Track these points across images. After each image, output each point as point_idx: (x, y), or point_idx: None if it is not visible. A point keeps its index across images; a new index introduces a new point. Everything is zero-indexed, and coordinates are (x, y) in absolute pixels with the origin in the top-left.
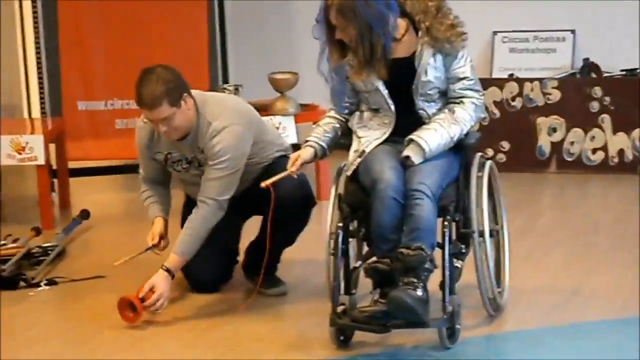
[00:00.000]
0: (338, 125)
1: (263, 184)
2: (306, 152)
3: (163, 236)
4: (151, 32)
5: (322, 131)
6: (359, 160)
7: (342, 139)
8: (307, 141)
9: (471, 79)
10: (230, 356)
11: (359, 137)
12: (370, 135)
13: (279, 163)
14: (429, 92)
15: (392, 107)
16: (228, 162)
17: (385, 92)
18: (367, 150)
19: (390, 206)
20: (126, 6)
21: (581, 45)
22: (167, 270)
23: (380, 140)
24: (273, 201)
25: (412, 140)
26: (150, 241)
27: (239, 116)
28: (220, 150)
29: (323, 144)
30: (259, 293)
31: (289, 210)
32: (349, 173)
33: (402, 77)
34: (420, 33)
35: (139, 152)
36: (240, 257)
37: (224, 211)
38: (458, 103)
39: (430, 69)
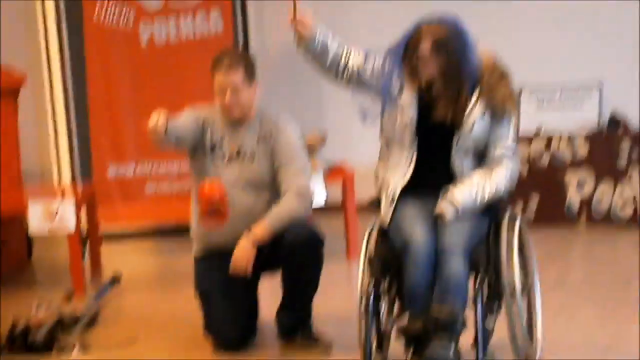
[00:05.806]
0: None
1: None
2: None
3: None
4: (181, 89)
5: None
6: (392, 208)
7: (329, 49)
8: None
9: (513, 146)
10: None
11: (387, 187)
12: (393, 178)
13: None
14: (467, 146)
15: (415, 143)
16: (304, 157)
17: (413, 127)
18: (397, 194)
19: (423, 266)
20: (155, 64)
21: (607, 98)
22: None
23: (405, 181)
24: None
25: (446, 196)
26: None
27: None
28: (295, 143)
29: (321, 34)
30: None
31: (300, 253)
32: (386, 222)
33: (440, 124)
34: (480, 87)
35: (191, 116)
36: (267, 319)
37: (311, 205)
38: (496, 166)
39: (477, 124)
